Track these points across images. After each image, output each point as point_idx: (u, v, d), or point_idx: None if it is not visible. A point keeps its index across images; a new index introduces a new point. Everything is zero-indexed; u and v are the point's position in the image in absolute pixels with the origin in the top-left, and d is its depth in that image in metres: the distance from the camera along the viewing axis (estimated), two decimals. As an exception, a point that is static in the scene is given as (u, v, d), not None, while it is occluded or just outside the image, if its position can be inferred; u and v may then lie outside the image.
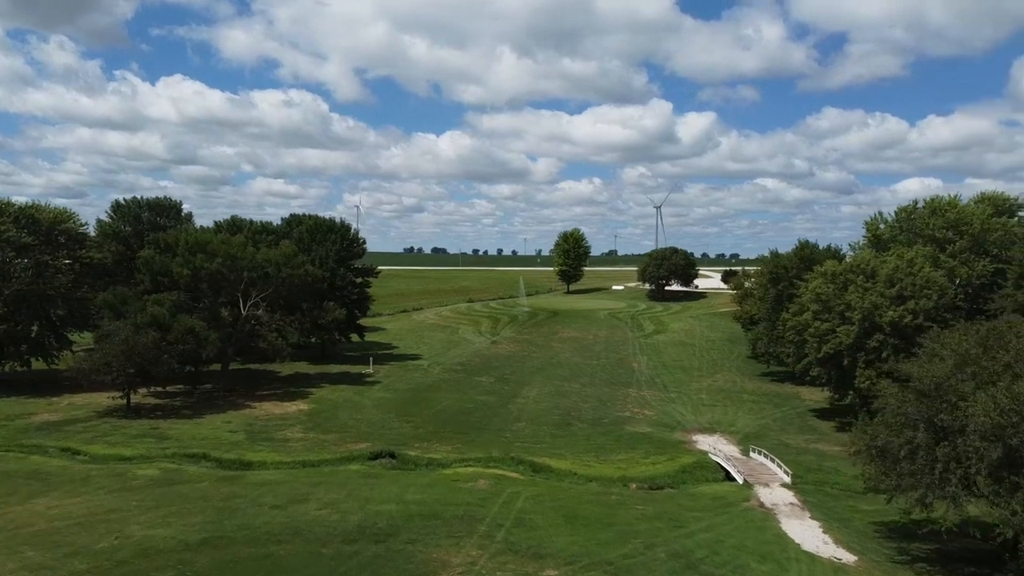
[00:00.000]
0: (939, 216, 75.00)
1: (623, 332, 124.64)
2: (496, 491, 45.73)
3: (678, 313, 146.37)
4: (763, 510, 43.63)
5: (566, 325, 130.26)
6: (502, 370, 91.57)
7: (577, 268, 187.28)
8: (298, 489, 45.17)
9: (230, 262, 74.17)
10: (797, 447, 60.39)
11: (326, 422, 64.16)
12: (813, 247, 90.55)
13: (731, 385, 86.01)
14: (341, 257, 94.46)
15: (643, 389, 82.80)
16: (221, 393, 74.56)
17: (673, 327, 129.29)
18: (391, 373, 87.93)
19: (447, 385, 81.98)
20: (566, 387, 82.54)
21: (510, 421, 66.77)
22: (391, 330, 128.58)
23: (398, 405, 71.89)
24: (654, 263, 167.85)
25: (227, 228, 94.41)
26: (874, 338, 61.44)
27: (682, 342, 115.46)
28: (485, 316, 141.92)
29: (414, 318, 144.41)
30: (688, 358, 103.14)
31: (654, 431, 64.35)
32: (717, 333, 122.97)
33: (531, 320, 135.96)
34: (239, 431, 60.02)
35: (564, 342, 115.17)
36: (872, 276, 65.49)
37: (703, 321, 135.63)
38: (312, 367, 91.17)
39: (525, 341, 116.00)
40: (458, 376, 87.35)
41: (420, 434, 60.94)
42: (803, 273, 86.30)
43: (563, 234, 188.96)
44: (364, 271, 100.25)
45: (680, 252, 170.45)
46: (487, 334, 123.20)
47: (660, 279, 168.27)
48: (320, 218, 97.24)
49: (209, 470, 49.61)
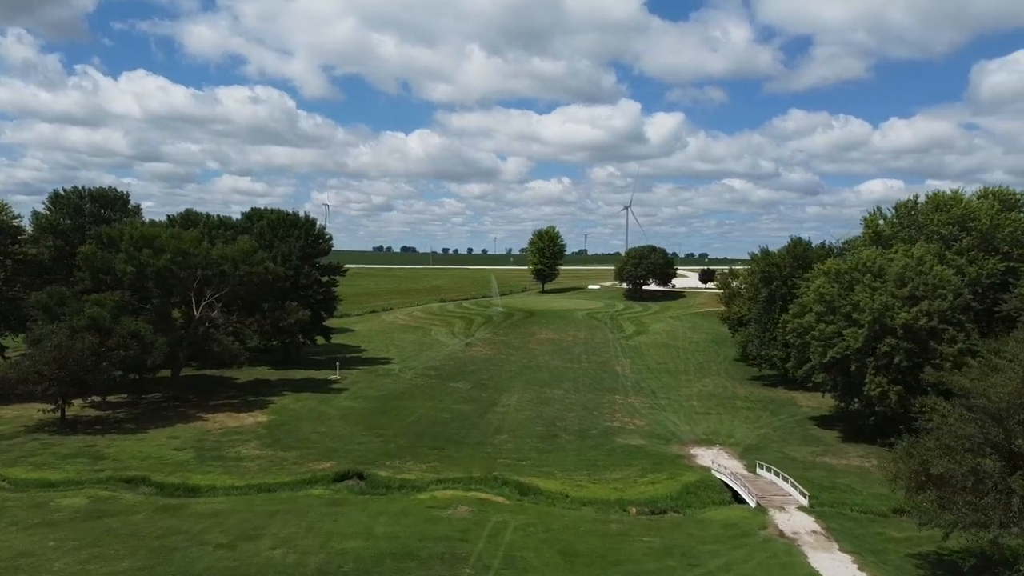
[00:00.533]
0: (943, 212, 70.71)
1: (603, 333, 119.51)
2: (479, 520, 39.90)
3: (658, 313, 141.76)
4: (784, 540, 38.37)
5: (543, 326, 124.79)
6: (479, 375, 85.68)
7: (552, 267, 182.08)
8: (250, 521, 38.89)
9: (181, 258, 67.27)
10: (804, 461, 55.42)
11: (286, 436, 57.74)
12: (807, 245, 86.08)
13: (722, 390, 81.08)
14: (305, 254, 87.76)
15: (630, 395, 77.49)
16: (170, 403, 67.63)
17: (654, 328, 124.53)
18: (359, 379, 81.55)
19: (420, 392, 75.88)
20: (548, 393, 76.91)
21: (490, 433, 60.92)
22: (360, 331, 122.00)
23: (367, 415, 65.69)
24: (632, 262, 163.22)
25: (181, 222, 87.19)
26: (885, 342, 56.67)
27: (665, 344, 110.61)
28: (458, 316, 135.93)
29: (384, 319, 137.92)
30: (673, 361, 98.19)
31: (648, 444, 58.97)
32: (700, 334, 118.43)
33: (506, 321, 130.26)
34: (187, 448, 53.37)
35: (542, 344, 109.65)
36: (880, 275, 60.83)
37: (684, 322, 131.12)
38: (273, 373, 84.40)
39: (501, 343, 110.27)
40: (432, 382, 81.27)
41: (391, 449, 54.84)
42: (797, 272, 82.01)
43: (538, 232, 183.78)
44: (330, 269, 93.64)
45: (658, 251, 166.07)
46: (461, 336, 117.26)
47: (638, 278, 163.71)
48: (283, 212, 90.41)
49: (147, 498, 43.03)
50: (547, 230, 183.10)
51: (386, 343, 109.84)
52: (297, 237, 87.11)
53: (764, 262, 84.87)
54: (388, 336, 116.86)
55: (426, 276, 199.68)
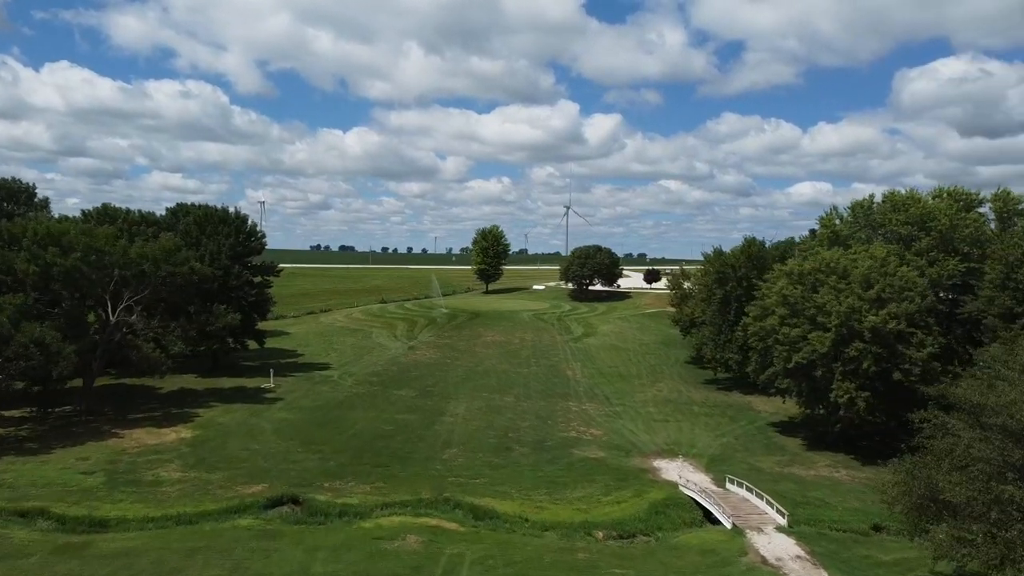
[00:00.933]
0: (901, 211, 69.38)
1: (551, 335, 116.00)
2: (432, 553, 35.55)
3: (605, 314, 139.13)
4: (769, 568, 35.19)
5: (489, 328, 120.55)
6: (423, 381, 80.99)
7: (496, 267, 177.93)
8: (166, 562, 33.66)
9: (93, 257, 60.69)
10: (771, 472, 52.76)
11: (212, 455, 52.14)
12: (761, 245, 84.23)
13: (677, 395, 78.39)
14: (236, 253, 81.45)
15: (584, 402, 74.01)
16: (82, 418, 61.02)
17: (602, 329, 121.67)
18: (295, 387, 75.93)
19: (361, 401, 70.82)
20: (498, 401, 72.83)
21: (439, 447, 56.48)
22: (296, 334, 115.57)
23: (303, 428, 60.43)
24: (577, 262, 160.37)
25: (97, 218, 79.91)
26: (852, 346, 54.48)
27: (615, 346, 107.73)
28: (400, 318, 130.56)
29: (322, 320, 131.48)
30: (625, 364, 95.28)
31: (608, 456, 55.46)
32: (649, 336, 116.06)
33: (451, 323, 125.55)
34: (97, 471, 47.36)
35: (489, 347, 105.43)
36: (844, 276, 58.73)
37: (632, 323, 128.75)
38: (201, 381, 77.99)
39: (446, 346, 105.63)
40: (374, 389, 76.23)
41: (331, 468, 49.90)
42: (752, 273, 79.96)
43: (481, 231, 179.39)
44: (263, 269, 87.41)
45: (604, 250, 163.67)
46: (403, 338, 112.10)
47: (583, 278, 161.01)
48: (211, 208, 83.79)
49: (44, 535, 37.22)
50: (491, 229, 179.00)
51: (324, 347, 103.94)
52: (227, 235, 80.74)
53: (718, 262, 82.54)
54: (326, 339, 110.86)
55: (365, 276, 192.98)
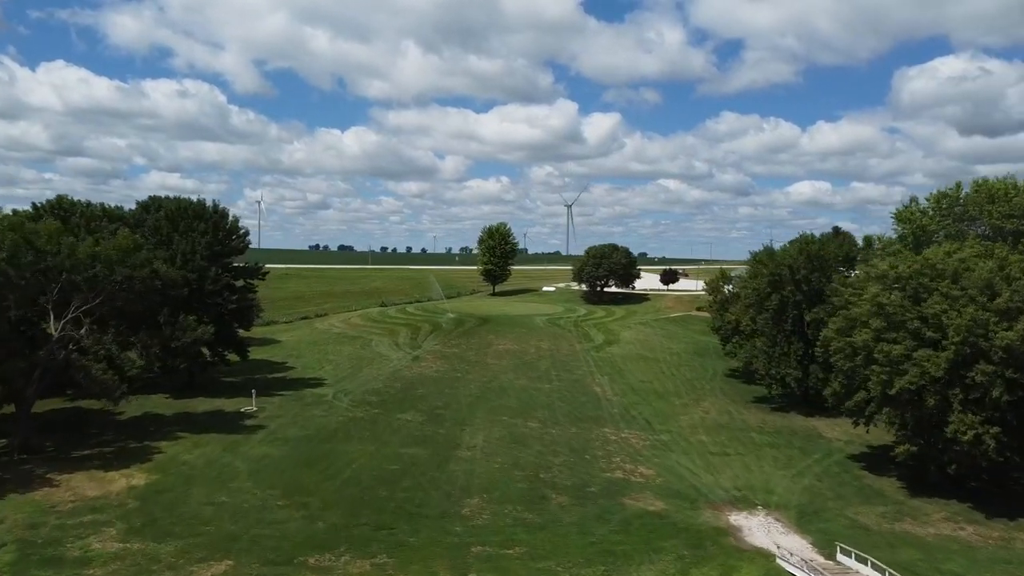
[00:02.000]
0: (1002, 202, 58.21)
1: (569, 343, 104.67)
2: None
3: (624, 319, 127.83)
4: None
5: (501, 335, 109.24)
6: (431, 401, 69.66)
7: (504, 268, 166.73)
8: None
9: (29, 258, 49.43)
10: (880, 531, 41.52)
11: (167, 512, 40.76)
12: (821, 242, 73.01)
13: (728, 419, 67.12)
14: (214, 253, 70.05)
15: (621, 428, 62.71)
16: (14, 457, 49.60)
17: (625, 337, 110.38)
18: (282, 410, 64.60)
19: (359, 429, 59.49)
20: (521, 428, 61.52)
21: (456, 495, 45.19)
22: (287, 343, 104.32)
23: (287, 469, 49.08)
24: (592, 262, 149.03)
25: (50, 211, 68.57)
26: (977, 369, 43.29)
27: (642, 356, 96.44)
28: (402, 324, 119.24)
29: (317, 327, 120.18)
30: (658, 378, 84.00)
31: (670, 508, 44.15)
32: (678, 344, 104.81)
33: (457, 329, 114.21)
34: (8, 542, 35.97)
35: (502, 357, 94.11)
36: (956, 280, 47.50)
37: (657, 329, 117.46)
38: (171, 403, 66.64)
39: (454, 356, 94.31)
40: (373, 412, 64.89)
41: (319, 533, 38.56)
42: (813, 275, 68.90)
43: (488, 229, 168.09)
44: (246, 271, 75.96)
45: (620, 249, 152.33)
46: (406, 347, 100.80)
47: (598, 279, 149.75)
48: (185, 200, 72.28)
49: None
50: (498, 227, 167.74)
51: (318, 358, 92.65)
52: (203, 232, 69.35)
53: (772, 263, 71.33)
54: (321, 348, 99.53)
55: (364, 277, 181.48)
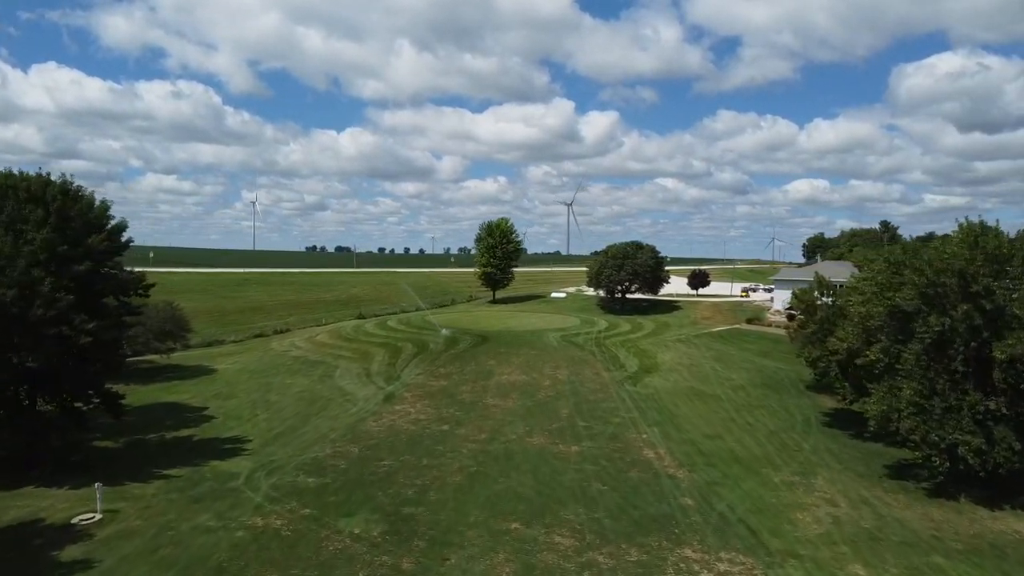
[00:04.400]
0: None
1: (595, 371, 79.71)
2: None
3: (657, 335, 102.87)
4: None
5: (504, 359, 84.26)
6: (400, 487, 44.38)
7: (506, 270, 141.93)
8: None
9: None
10: None
11: None
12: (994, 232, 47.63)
13: (873, 516, 41.81)
14: (59, 256, 44.89)
15: (710, 546, 37.36)
16: None
17: (665, 361, 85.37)
18: (147, 517, 39.40)
19: (263, 564, 34.41)
20: (542, 551, 36.31)
21: None
22: (223, 373, 79.48)
23: None
24: (612, 263, 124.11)
25: None
26: None
27: (696, 392, 71.41)
28: (379, 343, 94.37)
29: (272, 347, 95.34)
30: (730, 431, 58.92)
31: None
32: (737, 371, 79.79)
33: (449, 350, 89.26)
34: None
35: (507, 394, 69.15)
36: None
37: (701, 349, 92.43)
38: (-19, 496, 41.60)
39: (442, 393, 69.40)
40: (300, 518, 39.59)
41: None
42: (1001, 284, 43.92)
43: (487, 225, 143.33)
44: (116, 284, 50.31)
45: (646, 248, 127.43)
46: (380, 379, 75.96)
47: (621, 283, 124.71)
48: (14, 176, 46.88)
49: None
50: (499, 223, 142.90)
51: (255, 399, 67.75)
52: (38, 222, 44.22)
53: (930, 269, 45.95)
54: (264, 383, 74.60)
55: (342, 283, 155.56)
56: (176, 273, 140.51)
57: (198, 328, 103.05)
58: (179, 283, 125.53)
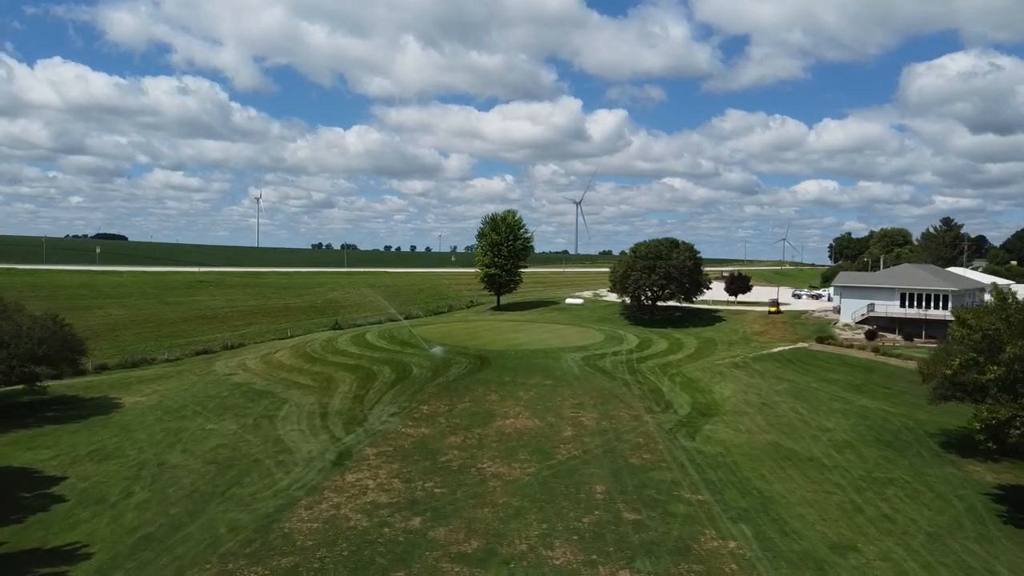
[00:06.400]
0: None
1: (632, 412, 58.09)
2: None
3: (703, 356, 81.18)
4: None
5: (510, 394, 62.72)
6: None
7: (513, 271, 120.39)
8: None
9: None
10: None
11: None
12: None
13: None
14: None
15: None
16: None
17: (725, 397, 63.72)
18: None
19: None
20: None
21: None
22: (125, 412, 58.42)
23: None
24: (642, 264, 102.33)
25: None
26: None
27: (788, 453, 49.69)
28: (349, 365, 73.11)
29: (215, 369, 74.34)
30: (872, 537, 37.15)
31: None
32: (833, 418, 58.03)
33: (437, 378, 67.83)
34: None
35: (512, 457, 47.69)
36: None
37: (768, 378, 70.72)
38: None
39: (420, 453, 48.07)
40: None
41: None
42: None
43: (491, 218, 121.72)
44: None
45: (683, 246, 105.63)
46: (338, 423, 54.80)
47: (651, 289, 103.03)
48: None
49: None
50: (505, 215, 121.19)
51: (145, 460, 46.65)
52: None
53: None
54: (175, 429, 53.43)
55: (319, 285, 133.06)
56: (118, 273, 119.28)
57: (124, 343, 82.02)
58: (117, 285, 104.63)
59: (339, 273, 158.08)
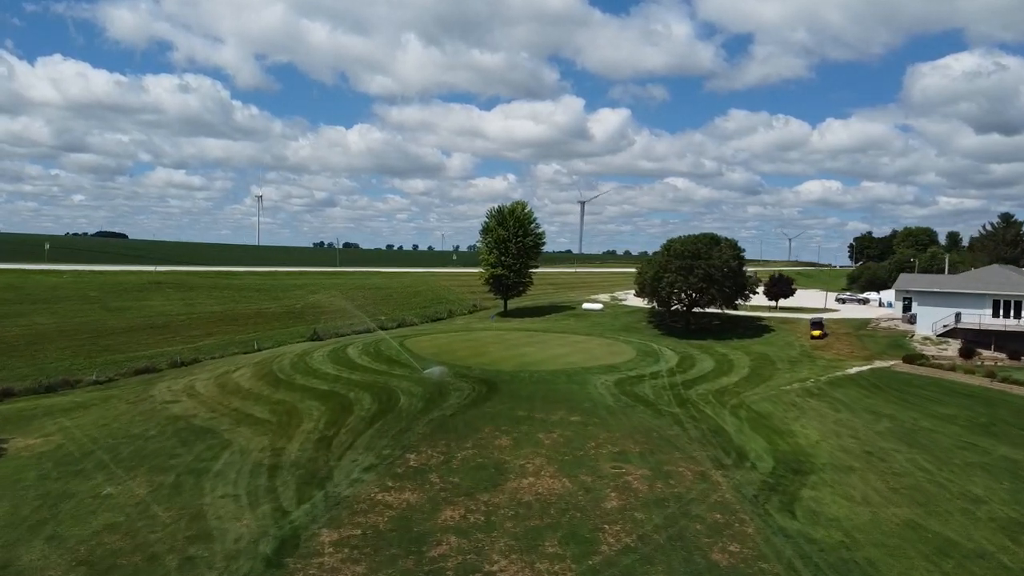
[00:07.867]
0: None
1: (695, 468, 42.28)
2: None
3: (762, 380, 65.36)
4: None
5: (526, 436, 46.95)
6: None
7: (523, 272, 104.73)
8: None
9: None
10: None
11: None
12: None
13: None
14: None
15: None
16: None
17: (811, 440, 47.88)
18: None
19: None
20: None
21: None
22: (7, 463, 42.75)
23: None
24: (676, 265, 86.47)
25: None
26: None
27: (941, 545, 33.86)
28: (320, 393, 57.34)
29: (152, 395, 58.86)
30: None
31: None
32: (976, 478, 42.15)
33: (430, 412, 52.06)
34: None
35: (535, 544, 32.08)
36: None
37: (859, 412, 54.77)
38: None
39: (399, 541, 32.35)
40: None
41: None
42: None
43: (497, 211, 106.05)
44: None
45: (726, 242, 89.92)
46: (290, 483, 39.10)
47: (688, 294, 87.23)
48: None
49: None
50: (514, 207, 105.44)
51: (2, 548, 30.89)
52: None
53: None
54: (59, 494, 37.84)
55: (300, 287, 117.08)
56: (58, 272, 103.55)
57: (45, 360, 66.47)
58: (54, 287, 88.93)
59: (325, 273, 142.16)
